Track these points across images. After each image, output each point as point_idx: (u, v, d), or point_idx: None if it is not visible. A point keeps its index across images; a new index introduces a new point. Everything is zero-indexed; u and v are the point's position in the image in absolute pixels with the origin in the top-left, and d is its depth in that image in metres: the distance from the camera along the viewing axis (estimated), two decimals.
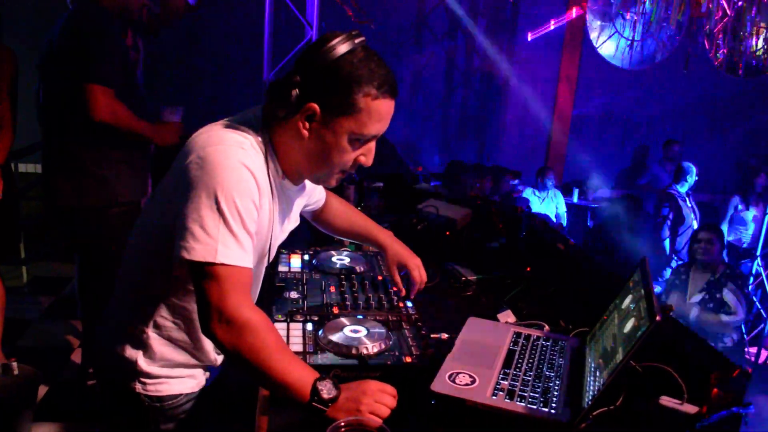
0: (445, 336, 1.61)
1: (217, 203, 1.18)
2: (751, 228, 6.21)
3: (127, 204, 2.55)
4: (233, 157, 1.22)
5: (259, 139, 1.31)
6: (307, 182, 1.53)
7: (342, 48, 1.24)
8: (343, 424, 1.15)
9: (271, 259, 1.50)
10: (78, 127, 2.42)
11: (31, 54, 2.99)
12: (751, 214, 6.28)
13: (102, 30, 2.39)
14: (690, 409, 1.33)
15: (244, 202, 1.21)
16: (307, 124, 1.28)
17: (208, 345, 1.45)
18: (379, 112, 1.28)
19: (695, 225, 6.09)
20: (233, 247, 1.20)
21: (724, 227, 6.10)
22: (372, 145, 1.35)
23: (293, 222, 1.57)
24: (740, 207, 6.38)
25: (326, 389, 1.19)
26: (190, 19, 5.51)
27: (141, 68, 2.81)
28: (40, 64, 2.54)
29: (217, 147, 1.23)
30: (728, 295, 4.22)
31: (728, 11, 5.71)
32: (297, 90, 1.25)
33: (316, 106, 1.25)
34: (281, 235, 1.53)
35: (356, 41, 1.26)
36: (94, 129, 2.41)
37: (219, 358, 1.51)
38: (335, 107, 1.25)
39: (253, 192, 1.24)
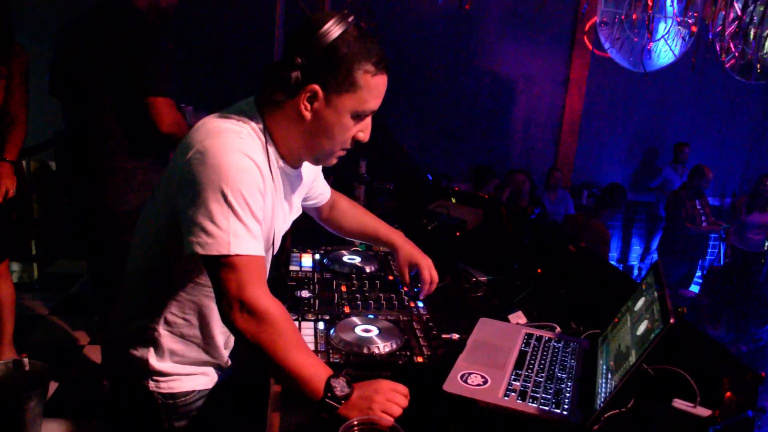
0: (456, 336, 1.61)
1: (224, 195, 1.19)
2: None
3: None
4: (233, 147, 1.23)
5: (255, 126, 1.31)
6: (305, 172, 1.53)
7: (337, 29, 1.25)
8: (356, 422, 1.15)
9: (276, 250, 1.50)
10: (124, 134, 2.42)
11: (40, 50, 3.01)
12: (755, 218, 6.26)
13: (157, 39, 2.37)
14: (703, 412, 1.33)
15: (249, 190, 1.22)
16: (309, 106, 1.29)
17: (219, 340, 1.46)
18: (377, 88, 1.31)
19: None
20: (245, 236, 1.21)
21: None
22: (368, 120, 1.36)
23: (295, 212, 1.58)
24: (744, 212, 6.36)
25: (340, 387, 1.20)
26: (202, 17, 5.56)
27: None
28: (68, 64, 2.50)
29: (216, 139, 1.23)
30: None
31: (740, 14, 5.67)
32: (298, 72, 1.26)
33: (317, 87, 1.27)
34: (284, 224, 1.53)
35: (348, 20, 1.28)
36: (138, 136, 2.41)
37: (226, 353, 1.52)
38: (337, 86, 1.27)
39: (257, 180, 1.25)
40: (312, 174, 1.64)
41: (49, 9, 4.92)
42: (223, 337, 1.47)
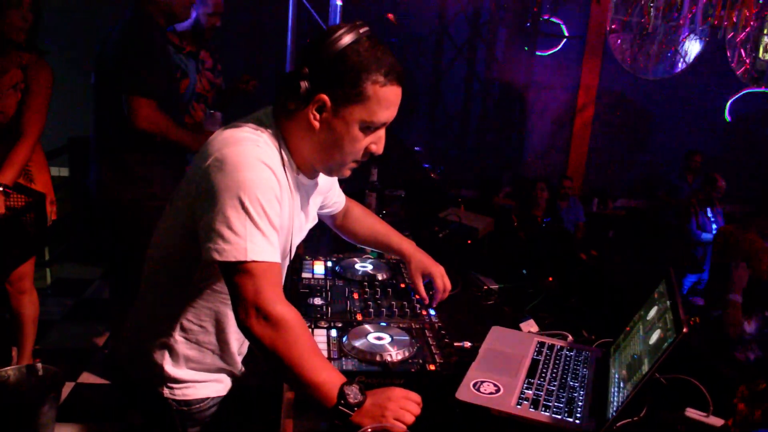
0: (468, 344, 1.61)
1: (241, 202, 1.20)
2: None
3: (163, 200, 2.62)
4: (251, 155, 1.24)
5: (272, 134, 1.33)
6: (321, 181, 1.55)
7: (347, 38, 1.26)
8: (369, 430, 1.16)
9: (291, 257, 1.51)
10: (122, 130, 2.54)
11: (65, 57, 3.04)
12: None
13: (145, 41, 2.50)
14: (715, 421, 1.33)
15: (266, 198, 1.23)
16: (317, 115, 1.30)
17: (234, 347, 1.47)
18: (387, 99, 1.30)
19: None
20: (262, 243, 1.22)
21: None
22: (382, 132, 1.36)
23: (311, 220, 1.59)
24: None
25: (353, 394, 1.20)
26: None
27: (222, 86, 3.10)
28: (95, 69, 2.67)
29: (234, 147, 1.25)
30: None
31: (751, 21, 5.65)
32: (306, 82, 1.27)
33: (325, 96, 1.28)
34: (301, 233, 1.54)
35: (361, 31, 1.28)
36: (136, 133, 2.52)
37: (239, 360, 1.53)
38: (344, 96, 1.27)
39: (275, 187, 1.26)
40: (328, 183, 1.65)
41: (77, 19, 5.01)
42: (237, 344, 1.48)
